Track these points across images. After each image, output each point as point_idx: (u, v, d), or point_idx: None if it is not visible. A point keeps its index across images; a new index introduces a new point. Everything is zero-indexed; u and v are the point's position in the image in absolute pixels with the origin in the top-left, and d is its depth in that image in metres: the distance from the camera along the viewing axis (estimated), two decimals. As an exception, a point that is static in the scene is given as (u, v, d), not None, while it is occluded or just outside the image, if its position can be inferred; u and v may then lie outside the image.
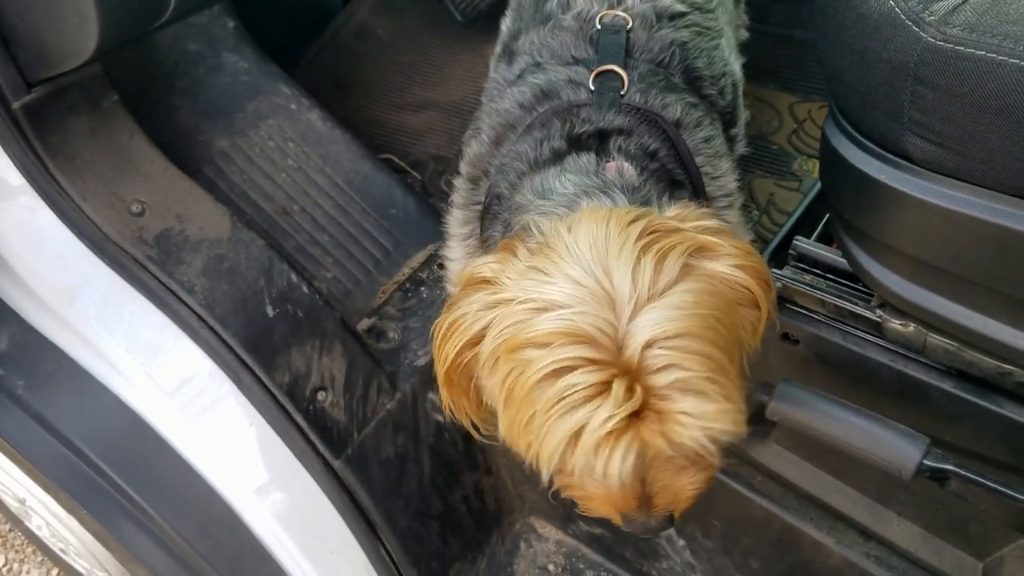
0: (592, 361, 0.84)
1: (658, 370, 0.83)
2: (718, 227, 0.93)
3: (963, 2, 0.84)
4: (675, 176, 1.15)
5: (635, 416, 0.83)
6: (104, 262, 1.45)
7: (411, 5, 2.54)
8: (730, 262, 0.91)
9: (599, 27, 1.25)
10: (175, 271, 1.45)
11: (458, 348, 0.95)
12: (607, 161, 1.09)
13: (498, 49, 1.48)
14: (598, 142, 1.12)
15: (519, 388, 0.87)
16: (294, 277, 1.56)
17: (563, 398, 0.84)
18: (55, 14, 1.31)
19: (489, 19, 2.39)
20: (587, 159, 1.09)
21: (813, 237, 1.32)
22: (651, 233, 0.89)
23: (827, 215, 1.36)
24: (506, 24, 1.48)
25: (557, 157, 1.12)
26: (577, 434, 0.84)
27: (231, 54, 1.91)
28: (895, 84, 0.91)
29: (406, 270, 1.87)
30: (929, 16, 0.86)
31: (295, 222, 1.83)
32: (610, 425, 0.82)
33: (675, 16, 1.29)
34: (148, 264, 1.44)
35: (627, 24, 1.24)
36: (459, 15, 2.34)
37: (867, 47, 0.93)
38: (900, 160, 0.98)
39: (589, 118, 1.14)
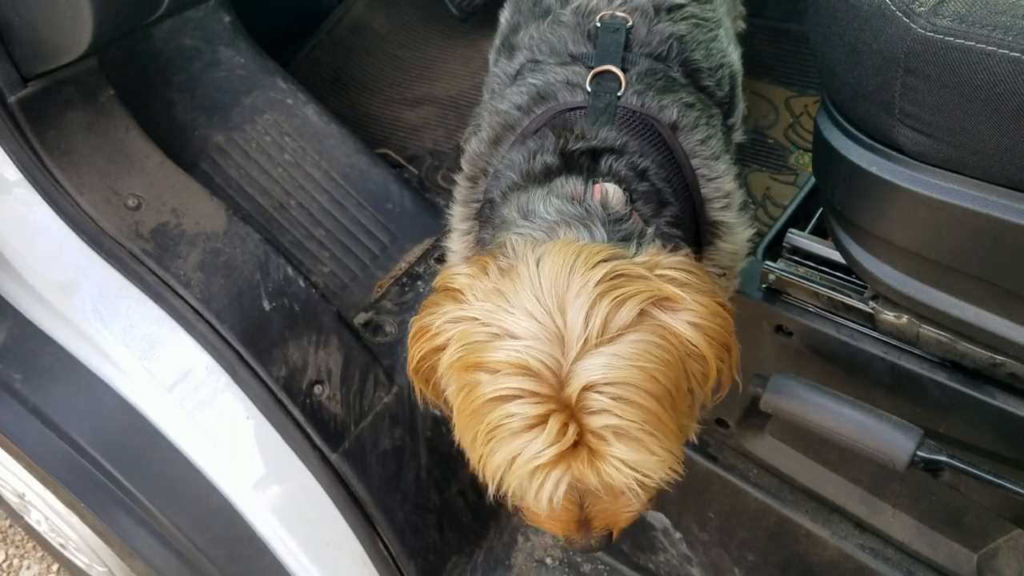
0: (534, 394, 0.88)
1: (594, 412, 0.87)
2: (687, 279, 0.94)
3: (952, -7, 0.85)
4: (663, 197, 1.16)
5: (570, 450, 0.87)
6: (101, 256, 1.45)
7: (407, 0, 2.54)
8: (688, 318, 0.93)
9: (598, 25, 1.26)
10: (171, 265, 1.45)
11: (423, 352, 1.01)
12: (595, 183, 1.11)
13: (497, 42, 1.48)
14: (590, 160, 1.14)
15: (468, 406, 0.93)
16: (290, 271, 1.56)
17: (502, 424, 0.88)
18: (50, 8, 1.32)
19: (485, 14, 2.39)
20: (574, 184, 1.11)
21: (807, 230, 1.32)
22: (614, 277, 0.92)
23: (821, 209, 1.37)
24: (505, 16, 1.49)
25: (547, 175, 1.14)
26: (513, 460, 0.88)
27: (227, 49, 1.91)
28: (886, 75, 0.91)
29: (403, 265, 1.88)
30: (919, 7, 0.86)
31: (292, 217, 1.83)
32: (543, 457, 0.87)
33: (673, 8, 1.30)
34: (144, 258, 1.44)
35: (627, 23, 1.25)
36: (455, 10, 2.34)
37: (858, 39, 0.93)
38: (891, 151, 0.99)
39: (583, 134, 1.15)
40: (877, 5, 0.90)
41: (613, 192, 1.10)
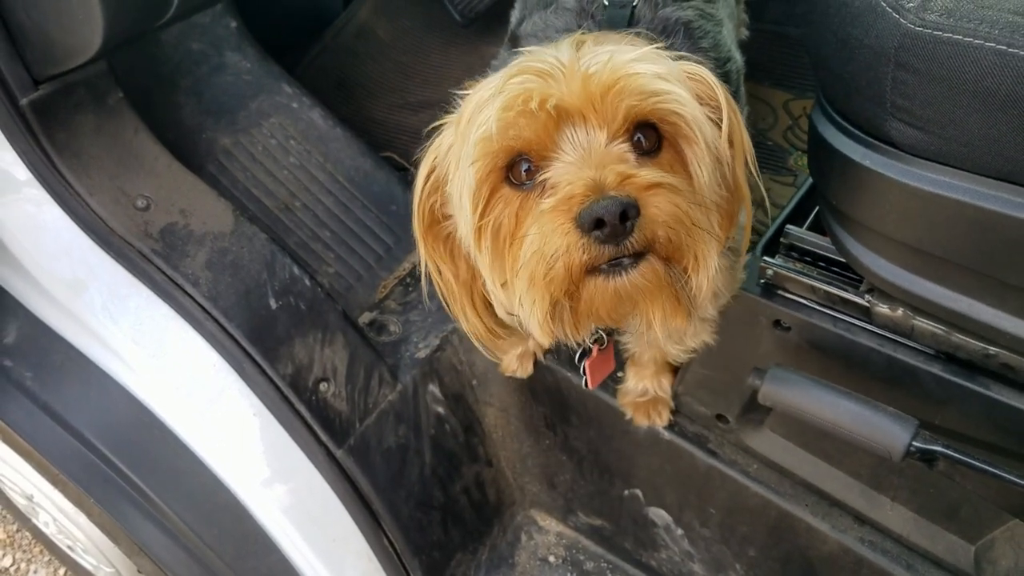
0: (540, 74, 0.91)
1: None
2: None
3: (940, -13, 0.87)
4: None
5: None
6: (110, 255, 1.48)
7: (411, 6, 2.57)
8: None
9: (605, 3, 1.26)
10: (180, 264, 1.48)
11: (427, 192, 1.03)
12: None
13: (505, 40, 1.50)
14: None
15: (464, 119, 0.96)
16: (296, 270, 1.59)
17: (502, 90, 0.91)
18: (61, 11, 1.35)
19: (487, 20, 2.43)
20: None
21: (804, 227, 1.34)
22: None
23: (818, 206, 1.39)
24: (514, 15, 1.50)
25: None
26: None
27: (234, 53, 1.94)
28: (877, 70, 0.94)
29: (407, 265, 1.90)
30: (908, 3, 0.89)
31: (297, 218, 1.86)
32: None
33: None
34: (153, 257, 1.47)
35: (633, 0, 1.25)
36: (458, 16, 2.37)
37: (850, 34, 0.96)
38: (884, 145, 1.01)
39: None
40: (868, 1, 0.92)
41: None
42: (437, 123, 1.05)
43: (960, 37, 0.85)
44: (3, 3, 1.38)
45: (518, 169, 0.94)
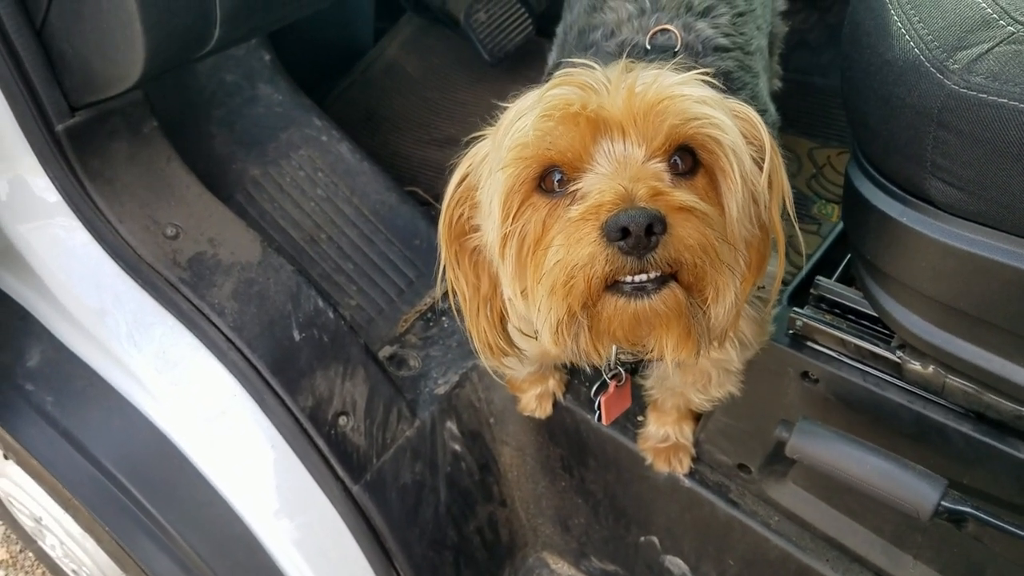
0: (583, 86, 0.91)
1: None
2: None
3: (987, 51, 0.87)
4: None
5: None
6: (137, 283, 1.48)
7: (440, 43, 2.60)
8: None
9: (647, 47, 1.27)
10: (207, 293, 1.48)
11: (457, 196, 1.03)
12: None
13: (542, 80, 1.50)
14: None
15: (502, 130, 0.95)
16: (321, 302, 1.59)
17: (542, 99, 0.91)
18: (104, 40, 1.36)
19: (515, 58, 2.45)
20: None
21: (834, 278, 1.34)
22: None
23: (848, 256, 1.38)
24: (551, 58, 1.52)
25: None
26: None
27: (266, 86, 1.96)
28: (919, 129, 0.94)
29: (428, 300, 1.91)
30: (953, 64, 0.89)
31: (322, 250, 1.87)
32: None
33: (720, 48, 1.30)
34: (180, 286, 1.47)
35: (675, 46, 1.25)
36: (487, 55, 2.40)
37: (892, 93, 0.96)
38: (922, 203, 1.01)
39: None
40: (912, 61, 0.92)
41: None
42: (478, 133, 1.06)
43: (1005, 101, 0.85)
44: (44, 31, 1.40)
45: (551, 178, 0.93)
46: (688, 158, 0.94)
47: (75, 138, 1.47)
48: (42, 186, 1.48)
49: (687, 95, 0.90)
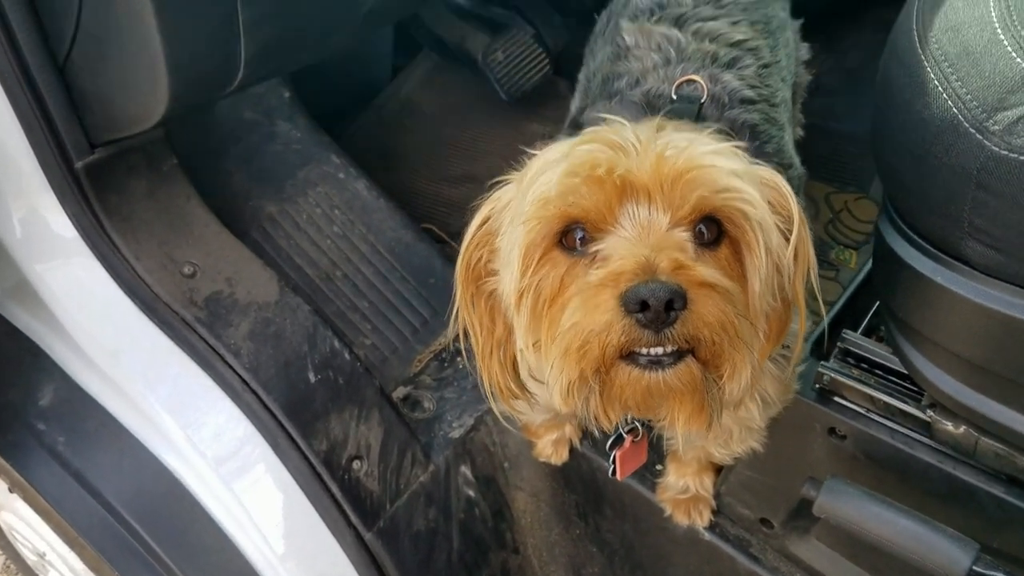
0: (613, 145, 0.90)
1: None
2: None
3: (1029, 115, 0.86)
4: None
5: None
6: (153, 322, 1.47)
7: (457, 82, 2.61)
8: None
9: (674, 97, 1.26)
10: (223, 333, 1.47)
11: (476, 242, 1.03)
12: None
13: (565, 125, 1.50)
14: None
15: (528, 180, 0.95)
16: (337, 343, 1.57)
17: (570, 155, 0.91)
18: (127, 80, 1.36)
19: (532, 98, 2.46)
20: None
21: (859, 330, 1.32)
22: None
23: (873, 307, 1.37)
24: (574, 104, 1.51)
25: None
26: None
27: (285, 123, 1.96)
28: (956, 189, 0.92)
29: (443, 339, 1.88)
30: (993, 125, 0.87)
31: (337, 288, 1.85)
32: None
33: (746, 100, 1.29)
34: (196, 326, 1.46)
35: (701, 97, 1.25)
36: (504, 94, 2.40)
37: (928, 151, 0.95)
38: (957, 263, 0.99)
39: None
40: (950, 120, 0.91)
41: None
42: (502, 177, 1.05)
43: (1048, 165, 0.83)
44: (67, 68, 1.40)
45: (572, 236, 0.92)
46: (714, 227, 0.92)
47: (94, 174, 1.47)
48: (60, 222, 1.47)
49: (718, 166, 0.89)
